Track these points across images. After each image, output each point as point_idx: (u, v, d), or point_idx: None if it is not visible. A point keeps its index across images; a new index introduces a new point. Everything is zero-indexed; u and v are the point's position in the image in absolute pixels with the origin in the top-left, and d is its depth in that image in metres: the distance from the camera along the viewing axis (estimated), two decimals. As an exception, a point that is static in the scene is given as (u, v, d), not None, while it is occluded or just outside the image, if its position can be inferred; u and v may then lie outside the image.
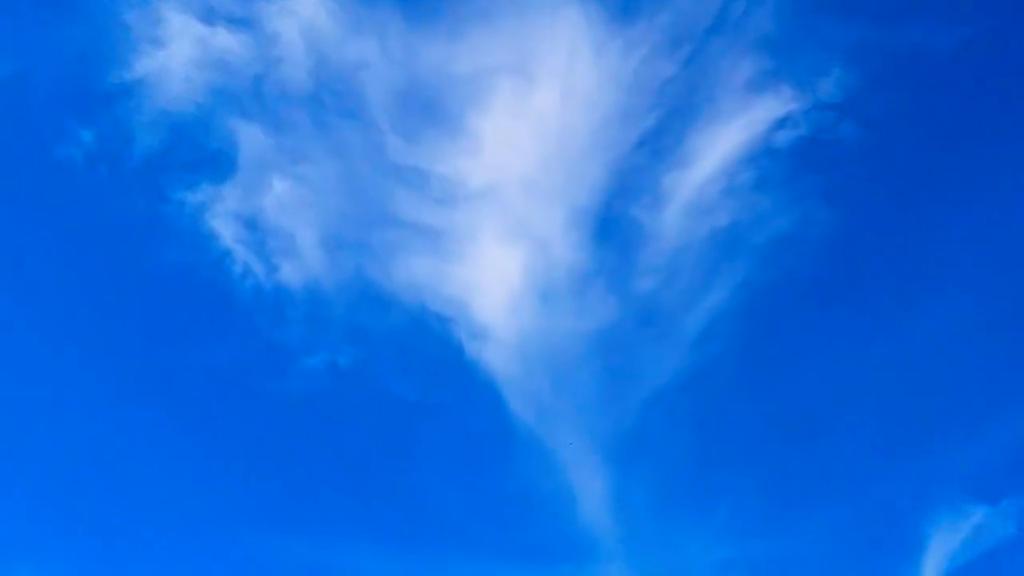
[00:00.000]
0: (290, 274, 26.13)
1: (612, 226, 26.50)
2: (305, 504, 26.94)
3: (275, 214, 26.35)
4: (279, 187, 26.20)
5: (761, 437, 27.22)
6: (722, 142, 26.11)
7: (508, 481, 26.75)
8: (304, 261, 26.24)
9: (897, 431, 27.19)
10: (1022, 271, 26.95)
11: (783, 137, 25.94)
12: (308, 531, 26.56)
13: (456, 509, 26.76)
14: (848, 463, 27.12)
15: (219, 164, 26.38)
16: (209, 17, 26.21)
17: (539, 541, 26.62)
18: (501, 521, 26.83)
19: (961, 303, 26.86)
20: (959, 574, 26.24)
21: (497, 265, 26.55)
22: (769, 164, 26.04)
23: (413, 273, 26.36)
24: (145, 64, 25.99)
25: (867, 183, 26.83)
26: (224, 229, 26.11)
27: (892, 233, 26.86)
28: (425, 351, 26.69)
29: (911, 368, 27.06)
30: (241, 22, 26.31)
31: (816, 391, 27.17)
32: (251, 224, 26.22)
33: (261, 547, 26.07)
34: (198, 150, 26.40)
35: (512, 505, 26.77)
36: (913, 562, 26.15)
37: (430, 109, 26.04)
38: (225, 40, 26.19)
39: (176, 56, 26.03)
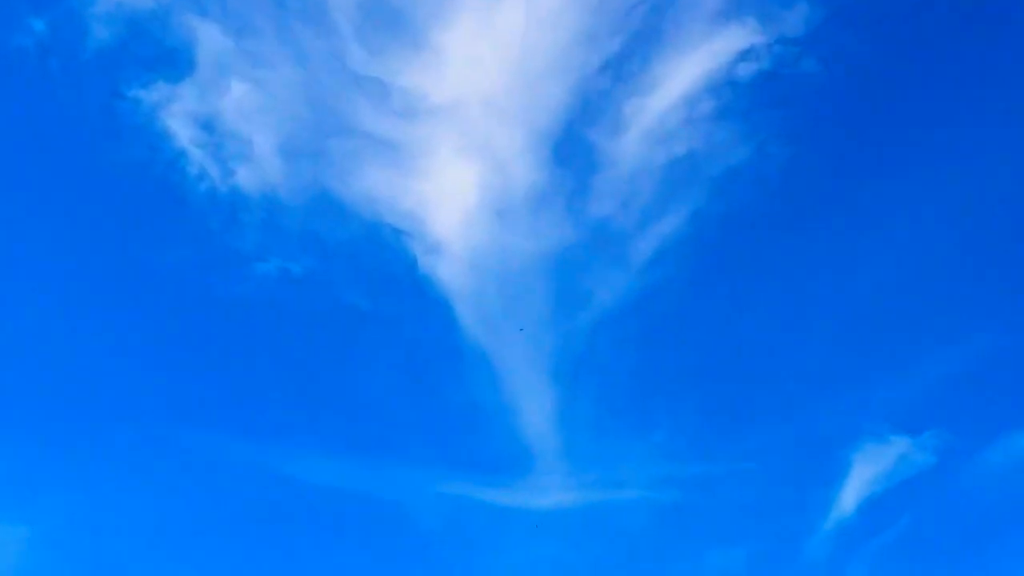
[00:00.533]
0: (246, 179, 25.95)
1: (571, 149, 26.61)
2: (253, 407, 27.36)
3: (233, 117, 26.01)
4: (238, 90, 25.81)
5: (702, 362, 28.11)
6: (685, 71, 26.19)
7: (455, 393, 27.40)
8: (261, 167, 26.05)
9: (831, 362, 28.26)
10: (963, 216, 27.78)
11: (745, 70, 26.09)
12: (255, 433, 27.04)
13: (403, 419, 27.40)
14: (783, 391, 28.20)
15: (176, 62, 25.86)
16: (169, -92, 25.37)
17: (483, 452, 27.46)
18: (447, 432, 27.56)
19: (899, 244, 27.71)
20: (879, 500, 27.71)
21: (454, 181, 26.62)
22: (730, 95, 26.23)
23: (370, 185, 26.34)
24: (101, -46, 25.17)
25: (823, 121, 27.22)
26: (180, 129, 25.76)
27: (842, 172, 27.40)
28: (379, 263, 26.91)
29: (848, 304, 27.99)
30: (203, -84, 25.52)
31: (758, 321, 28.02)
32: (208, 126, 25.88)
33: (208, 447, 26.52)
34: (155, 46, 25.80)
35: (458, 417, 27.48)
36: (836, 487, 27.52)
37: (394, 21, 25.67)
38: (186, -66, 25.41)
39: (134, -52, 25.24)
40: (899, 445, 27.59)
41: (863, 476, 27.42)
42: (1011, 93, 26.76)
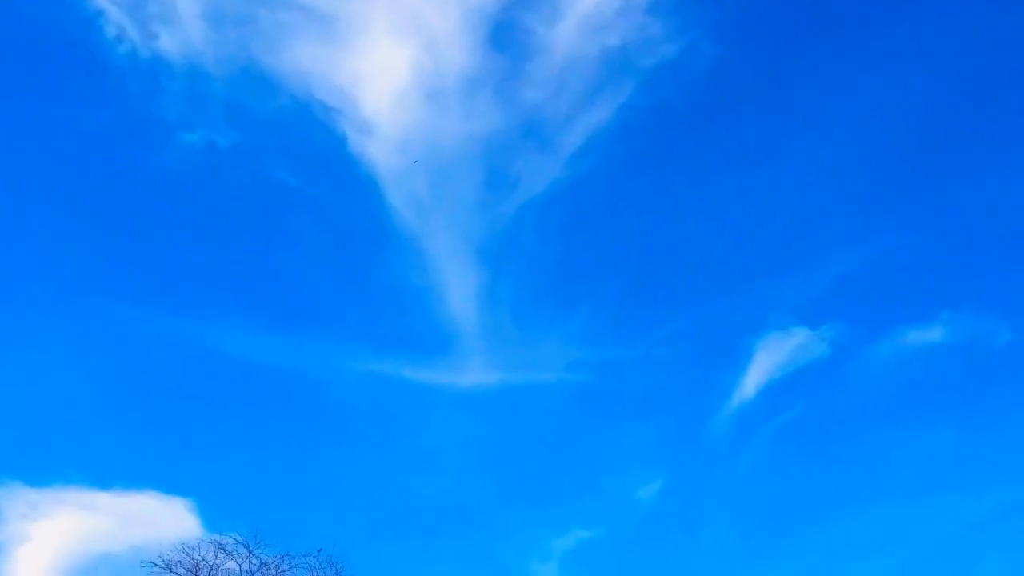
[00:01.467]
0: (169, 43, 24.96)
1: (506, 33, 26.49)
2: (177, 280, 26.89)
3: (155, -24, 24.84)
4: (161, -54, 24.60)
5: (621, 251, 29.02)
6: (623, -41, 26.21)
7: (381, 273, 27.57)
8: (185, 31, 25.06)
9: (742, 256, 29.58)
10: (871, 123, 29.13)
11: (682, -38, 26.31)
12: (178, 307, 26.64)
13: (328, 296, 27.46)
14: (695, 281, 29.45)
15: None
16: None
17: (407, 332, 27.85)
18: (371, 310, 27.78)
19: (810, 148, 28.94)
20: (778, 385, 29.54)
21: (387, 59, 26.21)
22: (664, -12, 26.49)
23: (300, 57, 25.71)
24: None
25: (755, 20, 27.85)
26: (98, -14, 24.49)
27: (769, 73, 28.25)
28: (308, 139, 26.49)
29: (761, 201, 29.22)
30: None
31: (676, 214, 29.01)
32: (128, -16, 24.66)
33: (130, 319, 26.03)
34: None
35: (383, 296, 27.71)
36: (739, 372, 29.15)
37: None
38: None
39: None
40: (799, 336, 29.34)
41: (764, 363, 29.15)
42: (934, 5, 27.90)
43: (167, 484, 25.83)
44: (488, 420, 27.93)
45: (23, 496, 25.34)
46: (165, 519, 25.81)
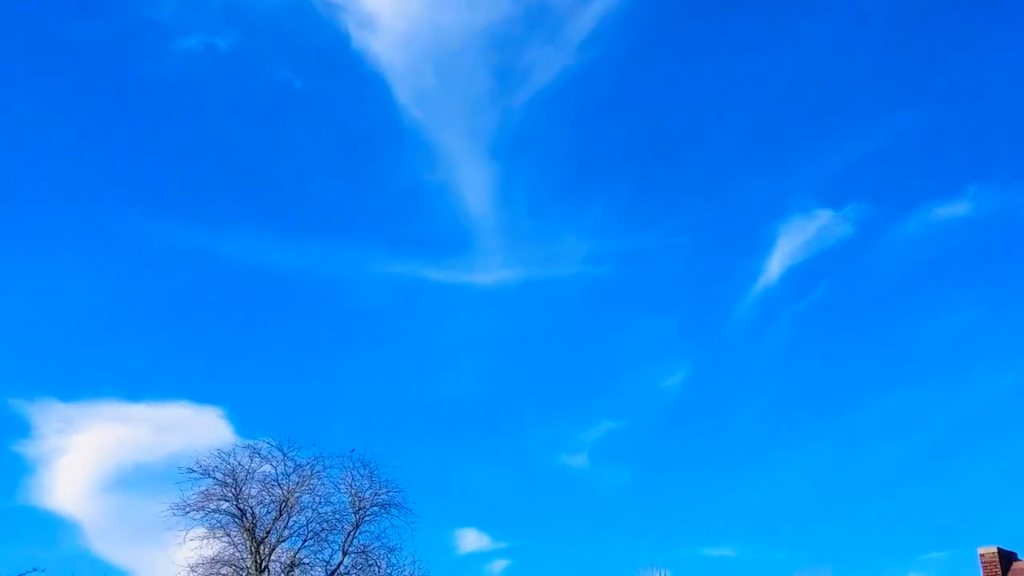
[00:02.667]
0: (161, -57, 24.16)
1: (509, -84, 25.55)
2: (187, 189, 26.65)
3: None
4: None
5: (637, 140, 28.55)
6: None
7: (393, 173, 27.23)
8: (177, -71, 24.23)
9: (761, 138, 29.10)
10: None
11: None
12: (189, 215, 26.46)
13: (340, 199, 27.20)
14: (714, 166, 29.05)
15: None
16: None
17: (422, 231, 27.68)
18: (385, 211, 27.55)
19: (827, 25, 28.09)
20: (799, 268, 29.41)
21: (387, -51, 25.38)
22: None
23: (298, -48, 24.90)
24: None
25: None
26: None
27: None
28: (310, 38, 25.86)
29: (778, 80, 28.50)
30: None
31: (692, 99, 28.40)
32: None
33: (148, 233, 25.92)
34: None
35: (397, 196, 27.42)
36: (763, 257, 29.03)
37: None
38: None
39: None
40: (822, 217, 29.09)
41: (788, 247, 28.98)
42: None
43: (198, 394, 26.12)
44: (510, 317, 27.92)
45: (58, 411, 25.67)
46: (198, 428, 26.21)
